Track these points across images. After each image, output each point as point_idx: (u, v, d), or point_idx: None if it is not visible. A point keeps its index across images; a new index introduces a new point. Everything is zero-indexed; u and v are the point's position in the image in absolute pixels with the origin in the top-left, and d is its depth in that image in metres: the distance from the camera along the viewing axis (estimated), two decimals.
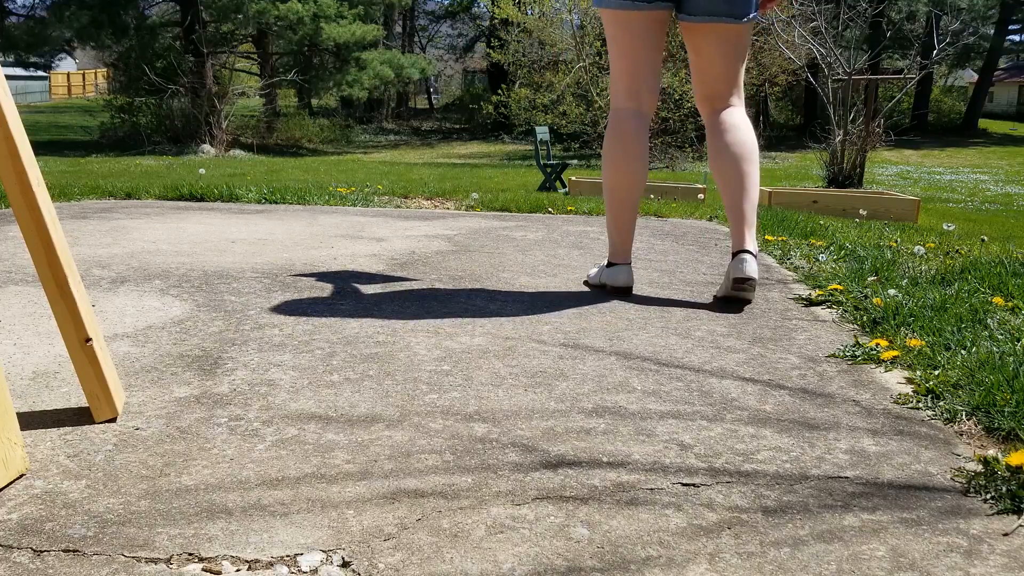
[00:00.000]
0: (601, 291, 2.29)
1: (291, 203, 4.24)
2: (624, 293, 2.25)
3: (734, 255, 2.15)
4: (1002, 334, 1.83)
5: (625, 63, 2.23)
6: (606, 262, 2.33)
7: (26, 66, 21.72)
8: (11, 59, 19.92)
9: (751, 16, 2.16)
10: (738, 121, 2.22)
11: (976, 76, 32.54)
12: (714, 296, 2.26)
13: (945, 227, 4.58)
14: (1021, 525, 1.05)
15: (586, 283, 2.39)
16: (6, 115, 1.17)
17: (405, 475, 1.15)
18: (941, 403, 1.45)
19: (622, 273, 2.26)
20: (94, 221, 3.37)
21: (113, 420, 1.30)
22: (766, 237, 3.33)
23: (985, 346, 1.70)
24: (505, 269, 2.57)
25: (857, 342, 1.83)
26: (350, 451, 1.22)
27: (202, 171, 9.09)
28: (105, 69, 24.78)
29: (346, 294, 2.18)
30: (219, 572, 0.91)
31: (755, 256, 2.14)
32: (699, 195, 7.55)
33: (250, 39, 22.40)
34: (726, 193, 2.20)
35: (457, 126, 30.01)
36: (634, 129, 2.22)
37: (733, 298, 2.15)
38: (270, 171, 11.54)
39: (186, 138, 18.05)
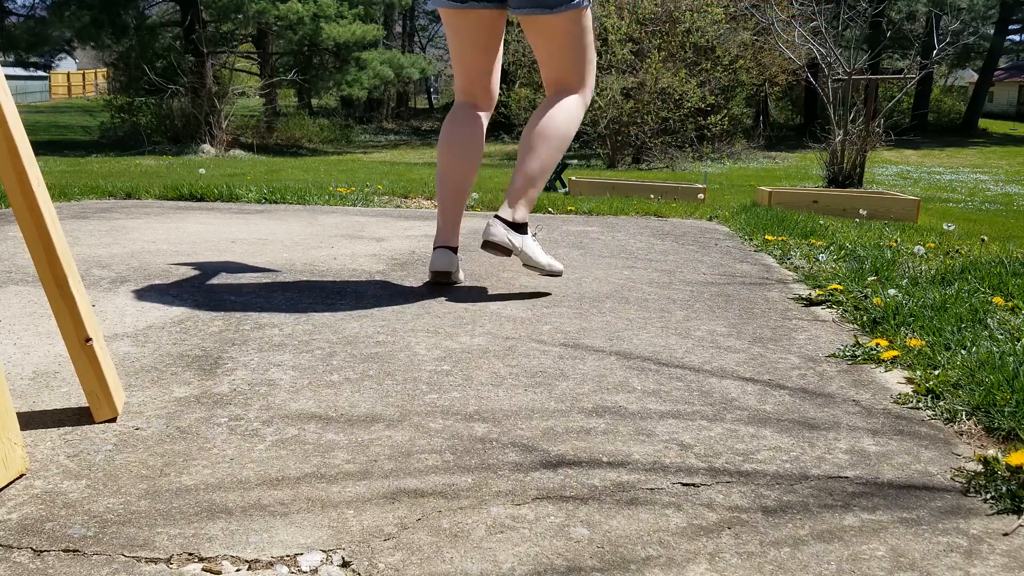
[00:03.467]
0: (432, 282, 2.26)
1: (291, 203, 4.24)
2: (441, 279, 2.24)
3: (495, 217, 2.14)
4: (1002, 334, 1.83)
5: (456, 63, 2.26)
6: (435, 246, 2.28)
7: (26, 66, 21.70)
8: (11, 59, 19.91)
9: (567, 6, 2.07)
10: (561, 103, 2.17)
11: (976, 76, 32.53)
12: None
13: (945, 227, 4.58)
14: (1021, 525, 1.05)
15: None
16: (6, 115, 1.17)
17: (405, 475, 1.15)
18: (941, 403, 1.45)
19: (441, 256, 2.23)
20: (94, 221, 3.37)
21: (113, 420, 1.30)
22: (766, 237, 3.33)
23: (985, 346, 1.70)
24: (505, 269, 2.57)
25: (857, 342, 1.83)
26: (350, 451, 1.22)
27: (202, 171, 9.09)
28: (105, 69, 24.76)
29: (346, 294, 2.18)
30: (219, 572, 0.91)
31: (513, 226, 2.11)
32: (699, 195, 7.55)
33: (250, 39, 22.39)
34: (521, 160, 2.19)
35: None
36: (465, 118, 2.26)
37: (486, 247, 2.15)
38: (270, 171, 11.54)
39: (186, 138, 18.03)
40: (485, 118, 2.30)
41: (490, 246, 2.10)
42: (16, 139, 1.18)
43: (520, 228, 2.13)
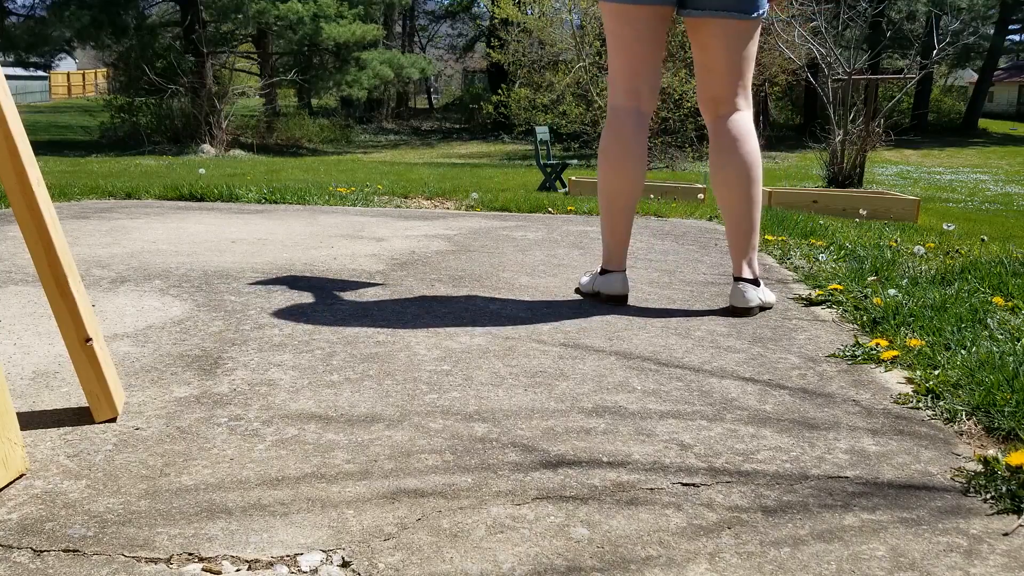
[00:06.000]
0: (595, 298, 2.23)
1: (291, 203, 4.24)
2: (619, 302, 2.17)
3: (736, 280, 2.12)
4: (1002, 334, 1.83)
5: (625, 59, 2.13)
6: (599, 269, 2.26)
7: (26, 66, 21.69)
8: (11, 59, 19.91)
9: (758, 13, 2.07)
10: (744, 131, 2.14)
11: (976, 76, 32.54)
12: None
13: (945, 227, 4.58)
14: (1021, 525, 1.05)
15: (578, 291, 2.29)
16: (6, 115, 1.17)
17: (405, 475, 1.15)
18: (941, 403, 1.45)
19: (617, 280, 2.17)
20: (94, 221, 3.37)
21: (113, 420, 1.30)
22: (766, 237, 3.33)
23: (985, 346, 1.70)
24: (505, 269, 2.57)
25: (857, 342, 1.83)
26: (350, 451, 1.22)
27: (202, 171, 9.10)
28: (105, 69, 24.78)
29: (346, 294, 2.18)
30: (219, 572, 0.91)
31: (753, 282, 2.12)
32: (699, 195, 7.55)
33: (250, 39, 22.38)
34: (728, 214, 2.14)
35: (457, 126, 29.98)
36: (633, 128, 2.12)
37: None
38: (270, 171, 11.54)
39: (186, 138, 18.03)
40: (647, 122, 2.18)
41: (749, 313, 2.09)
42: (16, 139, 1.18)
43: (756, 281, 2.14)
